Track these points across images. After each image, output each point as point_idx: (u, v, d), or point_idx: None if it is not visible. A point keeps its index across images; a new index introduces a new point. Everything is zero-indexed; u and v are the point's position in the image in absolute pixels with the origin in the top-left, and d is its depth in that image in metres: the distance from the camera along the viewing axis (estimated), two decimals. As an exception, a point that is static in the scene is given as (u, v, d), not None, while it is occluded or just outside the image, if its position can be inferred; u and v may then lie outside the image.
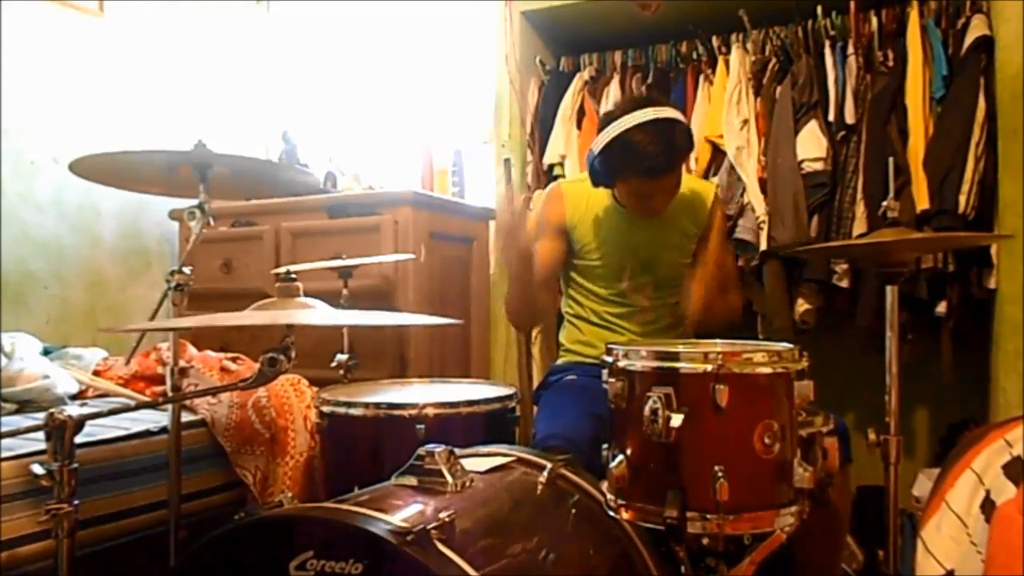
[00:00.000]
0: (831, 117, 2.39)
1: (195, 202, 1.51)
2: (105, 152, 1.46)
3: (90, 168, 1.51)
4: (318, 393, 1.73)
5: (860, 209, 2.32)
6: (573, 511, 1.24)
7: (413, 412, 1.54)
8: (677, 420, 1.11)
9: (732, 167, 2.49)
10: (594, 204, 1.91)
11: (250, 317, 1.17)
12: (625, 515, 1.19)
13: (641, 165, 1.67)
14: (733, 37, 2.59)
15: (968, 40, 2.22)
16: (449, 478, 1.12)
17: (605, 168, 1.74)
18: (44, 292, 2.83)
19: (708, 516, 1.11)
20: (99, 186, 1.68)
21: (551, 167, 2.84)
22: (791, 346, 1.20)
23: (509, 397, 1.70)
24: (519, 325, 2.08)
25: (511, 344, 2.82)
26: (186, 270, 1.51)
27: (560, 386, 1.87)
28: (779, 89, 2.48)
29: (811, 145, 2.37)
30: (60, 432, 1.04)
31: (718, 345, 1.27)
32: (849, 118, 2.37)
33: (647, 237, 1.88)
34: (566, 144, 2.78)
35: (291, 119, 3.54)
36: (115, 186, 1.70)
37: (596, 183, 1.80)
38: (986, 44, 2.20)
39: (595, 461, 1.39)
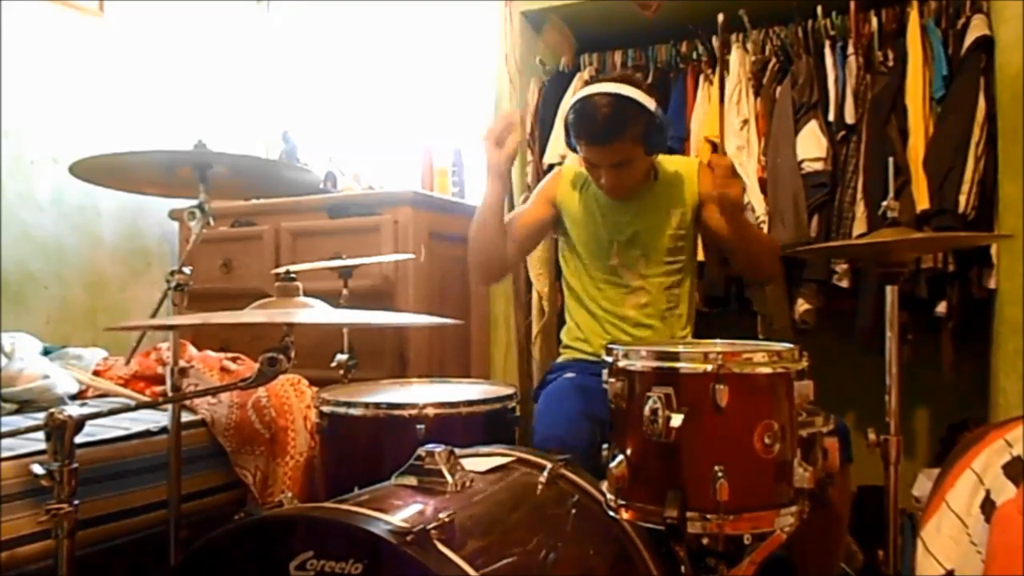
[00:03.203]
0: (831, 117, 2.39)
1: (195, 202, 1.51)
2: (105, 154, 1.46)
3: (90, 169, 1.51)
4: (318, 393, 1.73)
5: (860, 209, 2.32)
6: (573, 511, 1.24)
7: (413, 412, 1.54)
8: (677, 420, 1.11)
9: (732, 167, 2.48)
10: (587, 187, 1.96)
11: (250, 316, 1.17)
12: (625, 515, 1.19)
13: (583, 128, 1.77)
14: (733, 37, 2.59)
15: (968, 40, 2.22)
16: (449, 478, 1.12)
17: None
18: (44, 292, 2.83)
19: (708, 516, 1.11)
20: (99, 186, 1.68)
21: (551, 167, 2.83)
22: (791, 346, 1.20)
23: (509, 397, 1.70)
24: (474, 267, 2.03)
25: (511, 344, 2.82)
26: (186, 270, 1.51)
27: (558, 386, 1.88)
28: (779, 89, 2.48)
29: (811, 145, 2.37)
30: (60, 432, 1.04)
31: (718, 345, 1.27)
32: (849, 118, 2.37)
33: (634, 213, 1.91)
34: (566, 144, 2.78)
35: (291, 119, 3.54)
36: (115, 187, 1.71)
37: (570, 148, 1.91)
38: (986, 44, 2.20)
39: (593, 465, 1.39)
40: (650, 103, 1.77)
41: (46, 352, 2.20)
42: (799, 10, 2.48)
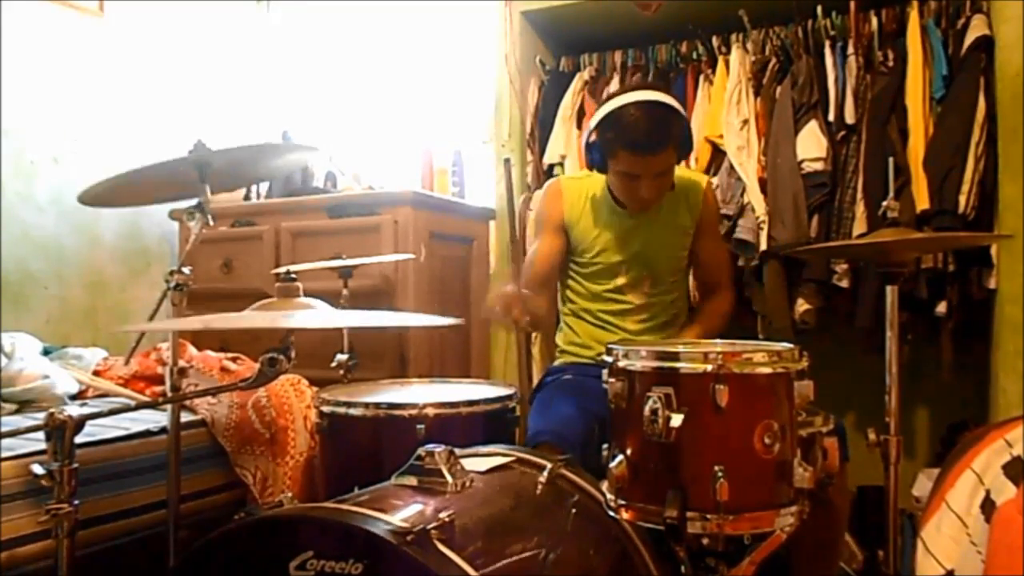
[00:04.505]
0: (831, 117, 2.39)
1: (195, 202, 1.51)
2: (107, 179, 1.46)
3: (96, 195, 1.52)
4: (318, 393, 1.73)
5: (860, 209, 2.32)
6: (573, 511, 1.24)
7: (413, 412, 1.54)
8: (677, 420, 1.11)
9: (732, 167, 2.49)
10: (593, 201, 1.93)
11: (250, 318, 1.17)
12: (625, 515, 1.19)
13: (629, 137, 1.70)
14: (733, 37, 2.59)
15: (968, 40, 2.22)
16: (449, 478, 1.12)
17: (598, 145, 1.78)
18: (44, 292, 2.83)
19: (708, 516, 1.11)
20: (108, 207, 1.68)
21: (551, 167, 2.84)
22: (791, 346, 1.20)
23: (509, 397, 1.70)
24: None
25: (511, 344, 2.81)
26: (186, 270, 1.51)
27: (554, 385, 1.88)
28: (779, 89, 2.48)
29: (811, 145, 2.37)
30: (60, 432, 1.04)
31: (718, 345, 1.27)
32: (849, 118, 2.36)
33: (644, 233, 1.89)
34: (566, 144, 2.78)
35: (291, 119, 3.54)
36: (123, 205, 1.69)
37: (591, 165, 1.84)
38: (986, 44, 2.20)
39: (587, 458, 1.39)
40: (680, 108, 1.76)
41: (46, 352, 2.20)
42: (799, 10, 2.48)
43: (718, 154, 2.55)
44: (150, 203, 1.69)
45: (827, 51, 2.44)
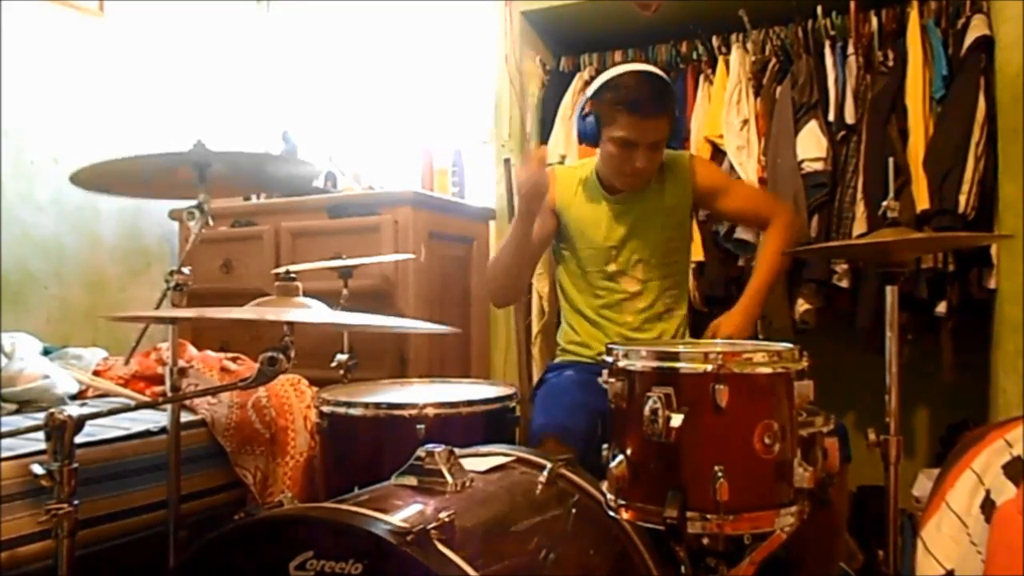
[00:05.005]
0: (831, 117, 2.38)
1: (195, 202, 1.51)
2: (103, 160, 1.46)
3: (91, 177, 1.51)
4: (318, 393, 1.73)
5: (860, 209, 2.32)
6: (573, 511, 1.24)
7: (413, 412, 1.54)
8: (677, 420, 1.11)
9: (732, 167, 2.49)
10: (583, 187, 1.95)
11: (251, 312, 1.16)
12: (625, 515, 1.19)
13: (631, 97, 1.75)
14: (733, 37, 2.59)
15: (968, 40, 2.22)
16: (449, 478, 1.12)
17: (595, 114, 1.81)
18: (44, 292, 2.83)
19: (708, 516, 1.11)
20: (101, 193, 1.67)
21: (550, 166, 2.83)
22: (791, 346, 1.20)
23: (509, 397, 1.70)
24: (497, 295, 2.07)
25: (511, 344, 2.82)
26: (185, 270, 1.51)
27: (557, 381, 1.89)
28: (779, 89, 2.48)
29: (811, 145, 2.37)
30: (60, 432, 1.04)
31: (718, 345, 1.28)
32: (849, 118, 2.36)
33: (632, 216, 1.91)
34: (566, 144, 2.78)
35: (291, 119, 3.55)
36: (116, 193, 1.69)
37: (583, 138, 1.88)
38: (986, 44, 2.20)
39: (590, 453, 1.40)
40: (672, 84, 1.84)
41: (46, 352, 2.20)
42: (799, 10, 2.47)
43: (718, 154, 2.55)
44: (146, 196, 1.67)
45: (827, 51, 2.43)
